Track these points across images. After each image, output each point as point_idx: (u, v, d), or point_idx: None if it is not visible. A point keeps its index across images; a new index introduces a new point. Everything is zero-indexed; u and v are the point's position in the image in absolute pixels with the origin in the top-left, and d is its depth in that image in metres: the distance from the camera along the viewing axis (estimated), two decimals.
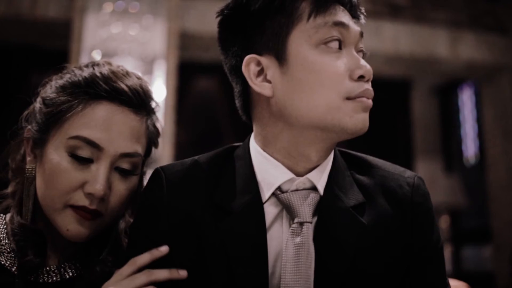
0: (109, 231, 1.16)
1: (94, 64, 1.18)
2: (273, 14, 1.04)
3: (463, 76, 6.44)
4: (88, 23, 4.21)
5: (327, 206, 1.05)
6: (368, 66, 1.03)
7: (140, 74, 1.22)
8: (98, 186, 1.08)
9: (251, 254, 1.01)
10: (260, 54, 1.05)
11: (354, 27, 1.06)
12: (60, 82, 1.16)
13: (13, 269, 1.11)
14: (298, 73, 1.02)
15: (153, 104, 1.21)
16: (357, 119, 1.01)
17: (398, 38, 5.39)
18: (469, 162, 6.98)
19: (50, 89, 1.17)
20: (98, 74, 1.13)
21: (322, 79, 1.00)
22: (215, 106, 5.65)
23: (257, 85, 1.05)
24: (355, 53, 1.05)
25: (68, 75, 1.17)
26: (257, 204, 1.05)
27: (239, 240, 1.02)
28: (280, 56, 1.03)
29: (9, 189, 1.21)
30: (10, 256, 1.12)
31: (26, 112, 1.22)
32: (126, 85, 1.13)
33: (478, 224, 6.49)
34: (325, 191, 1.06)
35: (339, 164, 1.11)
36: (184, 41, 4.60)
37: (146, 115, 1.18)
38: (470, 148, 7.00)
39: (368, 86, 1.03)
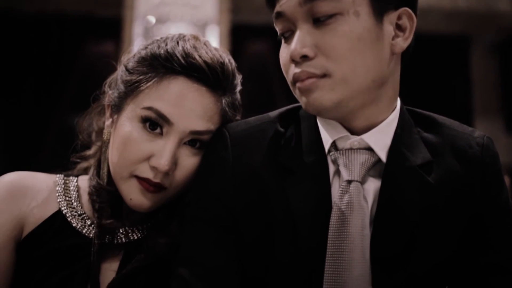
0: (178, 200, 1.17)
1: (179, 38, 1.17)
2: None
3: None
4: None
5: (392, 165, 1.03)
6: (292, 47, 0.99)
7: (225, 53, 1.19)
8: (163, 161, 1.08)
9: (316, 213, 1.01)
10: None
11: (291, 3, 0.99)
12: (143, 52, 1.16)
13: (84, 231, 1.15)
14: None
15: (235, 83, 1.19)
16: (304, 102, 1.02)
17: None
18: None
19: (133, 58, 1.18)
20: (179, 49, 1.13)
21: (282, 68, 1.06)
22: (268, 69, 5.63)
23: None
24: (296, 34, 1.00)
25: (151, 46, 1.16)
26: (322, 164, 1.05)
27: (304, 200, 1.02)
28: None
29: (91, 151, 1.25)
30: (81, 219, 1.16)
31: (110, 78, 1.24)
32: (205, 62, 1.11)
33: None
34: (390, 150, 1.04)
35: (405, 122, 1.09)
36: (236, 4, 4.58)
37: (223, 94, 1.15)
38: None
39: (298, 68, 0.99)
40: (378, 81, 1.01)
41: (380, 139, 1.05)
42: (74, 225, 1.15)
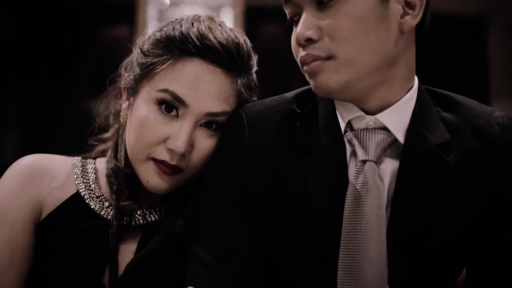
0: (195, 182, 1.18)
1: (194, 19, 1.16)
2: None
3: None
4: None
5: (410, 145, 1.03)
6: (297, 30, 1.00)
7: (240, 33, 1.18)
8: (179, 143, 1.08)
9: (332, 194, 1.01)
10: None
11: None
12: (158, 34, 1.16)
13: (102, 213, 1.16)
14: None
15: (250, 63, 1.19)
16: (312, 85, 1.03)
17: None
18: None
19: (148, 40, 1.18)
20: (194, 30, 1.12)
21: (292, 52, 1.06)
22: (283, 51, 5.60)
23: None
24: (301, 18, 1.00)
25: (166, 28, 1.16)
26: (339, 145, 1.04)
27: (321, 181, 1.02)
28: None
29: (109, 133, 1.26)
30: (99, 201, 1.17)
31: (126, 61, 1.25)
32: (220, 43, 1.11)
33: None
34: (408, 130, 1.03)
35: (423, 101, 1.08)
36: None
37: (238, 75, 1.15)
38: None
39: (304, 52, 1.00)
40: (386, 61, 1.00)
41: (396, 118, 1.04)
42: (92, 207, 1.16)
